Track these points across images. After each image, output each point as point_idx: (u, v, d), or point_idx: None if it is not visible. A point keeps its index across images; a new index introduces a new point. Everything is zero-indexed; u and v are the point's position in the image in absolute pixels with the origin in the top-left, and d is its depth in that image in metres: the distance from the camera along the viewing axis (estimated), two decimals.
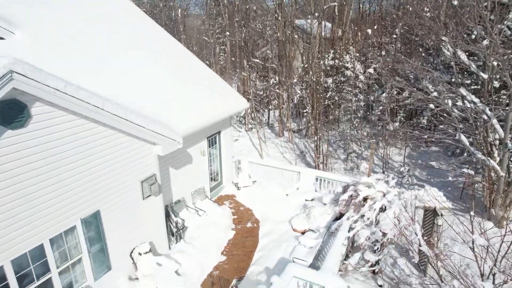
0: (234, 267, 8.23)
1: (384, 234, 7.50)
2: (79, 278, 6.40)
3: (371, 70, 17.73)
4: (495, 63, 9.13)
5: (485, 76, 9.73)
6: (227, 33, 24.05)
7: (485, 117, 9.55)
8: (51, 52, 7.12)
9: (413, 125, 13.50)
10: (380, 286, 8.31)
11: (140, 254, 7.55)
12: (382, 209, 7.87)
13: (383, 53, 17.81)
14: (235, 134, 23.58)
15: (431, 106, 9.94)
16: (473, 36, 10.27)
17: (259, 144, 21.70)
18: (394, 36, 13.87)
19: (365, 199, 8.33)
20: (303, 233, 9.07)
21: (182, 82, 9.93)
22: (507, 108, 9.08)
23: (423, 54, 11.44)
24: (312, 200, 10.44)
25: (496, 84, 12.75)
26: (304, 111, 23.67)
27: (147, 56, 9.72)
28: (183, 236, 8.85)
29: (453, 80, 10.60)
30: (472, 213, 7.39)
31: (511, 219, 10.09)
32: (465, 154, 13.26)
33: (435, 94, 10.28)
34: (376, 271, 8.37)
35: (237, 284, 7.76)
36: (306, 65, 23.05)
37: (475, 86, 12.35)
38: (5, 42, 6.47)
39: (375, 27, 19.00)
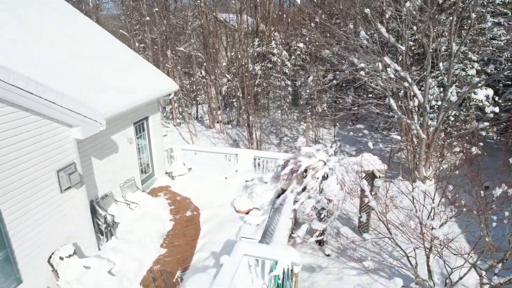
0: (177, 259, 7.50)
1: (330, 201, 7.50)
2: None
3: (300, 45, 18.16)
4: (415, 28, 9.95)
5: (403, 48, 10.53)
6: (147, 18, 22.52)
7: (406, 85, 10.35)
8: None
9: (339, 105, 14.24)
10: (328, 255, 8.35)
11: (61, 258, 6.38)
12: (325, 177, 7.87)
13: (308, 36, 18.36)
14: (163, 130, 22.25)
15: (362, 73, 10.44)
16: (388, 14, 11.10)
17: (190, 138, 20.83)
18: (317, 20, 14.35)
19: (306, 170, 8.26)
20: (247, 213, 8.69)
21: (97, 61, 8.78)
22: (424, 73, 9.95)
23: (343, 37, 11.98)
24: (252, 180, 10.11)
25: (408, 62, 14.01)
26: (234, 100, 23.39)
27: None
28: (114, 233, 7.79)
29: (374, 56, 11.29)
30: (400, 177, 7.90)
31: (431, 178, 11.12)
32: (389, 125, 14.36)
33: (362, 65, 10.86)
34: (323, 240, 8.38)
35: (182, 275, 7.05)
36: (232, 53, 22.77)
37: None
38: None
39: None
